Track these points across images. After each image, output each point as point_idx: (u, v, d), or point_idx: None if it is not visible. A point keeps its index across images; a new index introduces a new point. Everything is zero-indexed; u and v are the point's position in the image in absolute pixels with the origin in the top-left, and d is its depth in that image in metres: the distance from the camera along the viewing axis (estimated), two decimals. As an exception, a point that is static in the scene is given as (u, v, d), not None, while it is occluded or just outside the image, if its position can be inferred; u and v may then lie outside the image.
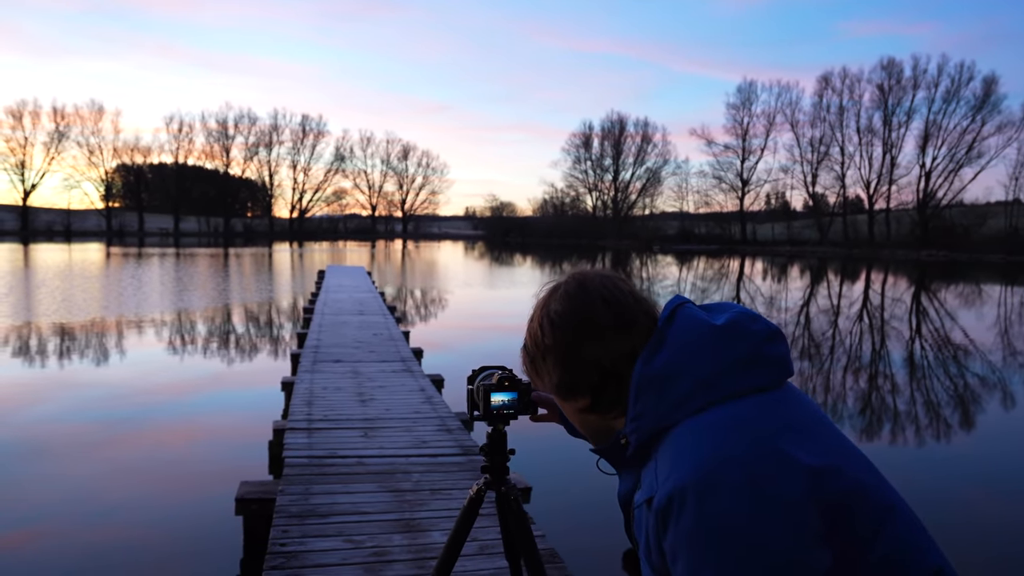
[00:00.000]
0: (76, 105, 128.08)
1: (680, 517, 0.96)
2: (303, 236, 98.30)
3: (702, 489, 0.95)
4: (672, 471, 0.99)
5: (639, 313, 1.15)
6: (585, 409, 1.18)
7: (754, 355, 1.07)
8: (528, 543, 1.96)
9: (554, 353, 1.16)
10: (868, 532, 0.99)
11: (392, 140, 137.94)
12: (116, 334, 14.63)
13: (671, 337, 1.09)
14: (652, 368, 1.07)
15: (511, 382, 1.74)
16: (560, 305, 1.16)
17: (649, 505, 1.01)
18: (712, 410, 1.03)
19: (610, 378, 1.13)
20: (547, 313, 1.18)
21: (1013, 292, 31.68)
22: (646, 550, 1.05)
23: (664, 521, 0.98)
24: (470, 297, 25.03)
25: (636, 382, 1.08)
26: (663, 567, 1.02)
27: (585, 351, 1.13)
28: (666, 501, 0.97)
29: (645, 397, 1.07)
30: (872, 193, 76.19)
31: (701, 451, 0.99)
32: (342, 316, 13.90)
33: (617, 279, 1.19)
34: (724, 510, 0.94)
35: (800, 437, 1.01)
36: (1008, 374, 12.56)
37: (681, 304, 1.13)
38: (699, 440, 1.00)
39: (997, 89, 68.80)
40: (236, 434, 7.91)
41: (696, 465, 0.97)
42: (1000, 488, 6.83)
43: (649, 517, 1.02)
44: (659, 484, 1.00)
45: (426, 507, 4.44)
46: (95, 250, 52.01)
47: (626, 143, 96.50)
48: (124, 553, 5.02)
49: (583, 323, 1.14)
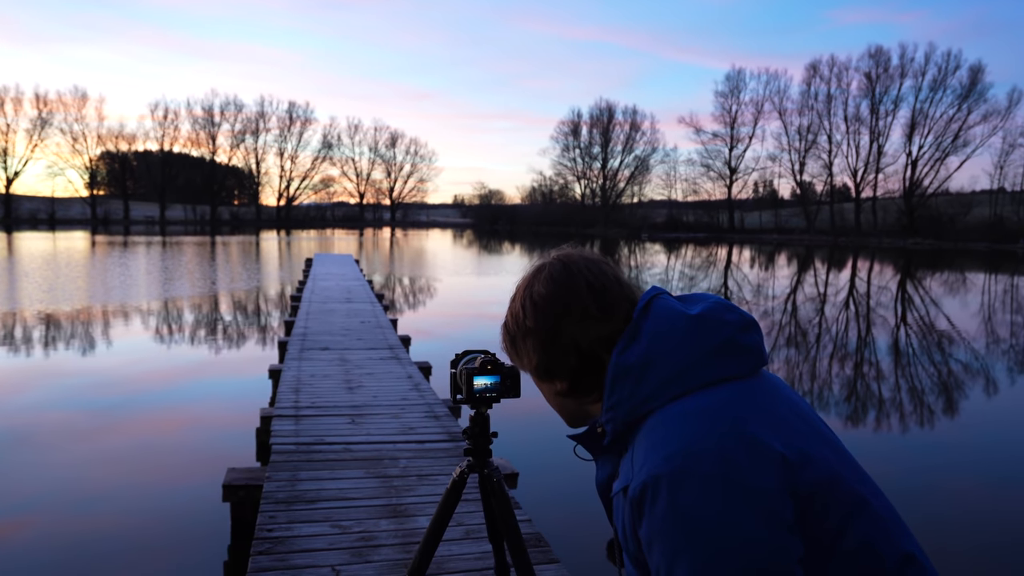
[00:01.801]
0: (59, 91, 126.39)
1: (654, 506, 0.97)
2: (290, 224, 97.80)
3: (674, 478, 0.96)
4: (646, 460, 1.00)
5: (622, 299, 1.15)
6: (563, 393, 1.18)
7: (727, 344, 1.08)
8: (511, 525, 1.98)
9: (535, 335, 1.16)
10: (839, 521, 1.00)
11: (380, 127, 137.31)
12: (102, 323, 14.54)
13: (646, 327, 1.09)
14: (627, 358, 1.08)
15: (494, 365, 1.75)
16: (544, 287, 1.16)
17: (625, 494, 1.03)
18: (686, 399, 1.04)
19: (589, 362, 1.13)
20: (530, 294, 1.18)
21: (996, 280, 31.98)
22: (623, 537, 1.07)
23: (639, 510, 0.99)
24: (458, 285, 25.02)
25: (611, 372, 1.09)
26: (639, 554, 1.04)
27: (565, 335, 1.13)
28: (640, 490, 0.99)
29: (620, 387, 1.08)
30: (859, 181, 76.54)
31: (673, 440, 0.99)
32: (329, 304, 13.87)
33: (602, 263, 1.19)
34: (696, 500, 0.95)
35: (774, 425, 1.02)
36: (991, 361, 12.70)
37: (657, 295, 1.14)
38: (672, 429, 1.01)
39: (983, 78, 69.12)
40: (223, 421, 7.90)
41: (668, 454, 0.98)
42: (986, 474, 6.92)
43: (625, 506, 1.03)
44: (634, 473, 1.01)
45: (413, 493, 4.46)
46: (80, 238, 51.56)
47: (614, 131, 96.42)
48: (111, 541, 5.02)
49: (565, 307, 1.14)
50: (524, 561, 2.00)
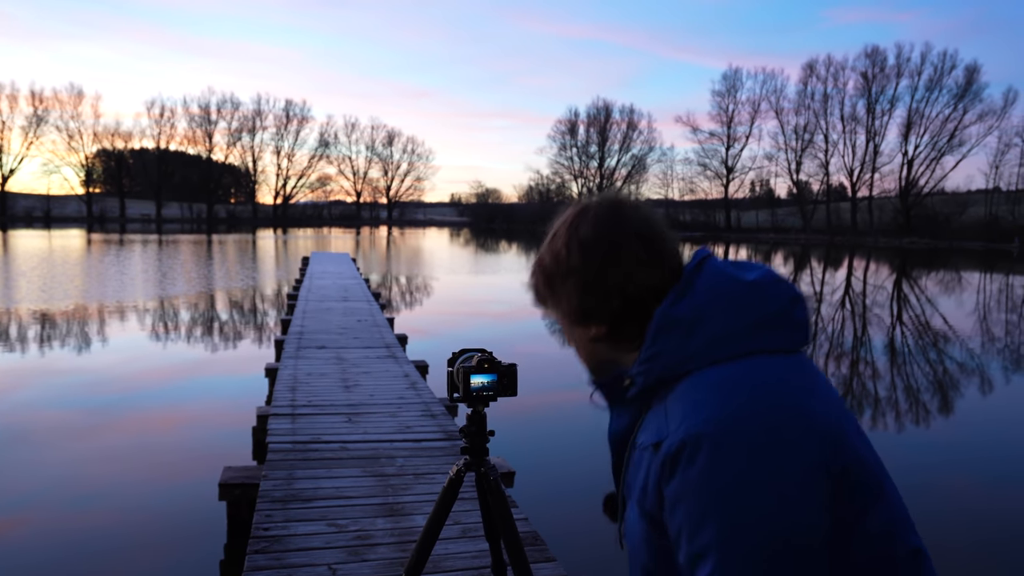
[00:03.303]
0: (55, 89, 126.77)
1: (690, 466, 0.94)
2: (287, 223, 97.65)
3: (719, 441, 0.94)
4: (686, 419, 0.97)
5: (671, 251, 1.13)
6: (598, 338, 1.15)
7: (780, 316, 1.06)
8: (508, 523, 1.98)
9: (578, 276, 1.13)
10: (863, 505, 0.99)
11: (377, 126, 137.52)
12: (98, 321, 14.51)
13: (700, 284, 1.07)
14: (678, 310, 1.05)
15: (490, 364, 1.76)
16: (591, 228, 1.13)
17: (656, 449, 1.00)
18: (735, 363, 1.01)
19: (633, 309, 1.10)
20: (576, 234, 1.14)
21: (991, 279, 32.06)
22: (642, 493, 1.04)
23: (671, 467, 0.96)
24: (454, 284, 25.01)
25: (658, 322, 1.05)
26: (657, 512, 1.01)
27: (612, 278, 1.10)
28: (678, 447, 0.95)
29: (664, 339, 1.05)
30: (855, 181, 76.68)
31: (721, 403, 0.97)
32: (326, 303, 13.86)
33: (651, 210, 1.16)
34: (738, 465, 0.93)
35: (820, 402, 1.01)
36: (987, 360, 12.74)
37: (709, 256, 1.12)
38: (719, 392, 0.98)
39: (979, 78, 69.29)
40: (220, 420, 7.89)
41: (715, 416, 0.95)
42: (982, 472, 6.95)
43: (654, 461, 1.00)
44: (671, 429, 0.98)
45: (410, 491, 4.46)
46: (76, 236, 51.43)
47: (612, 130, 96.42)
48: (107, 539, 5.02)
49: (615, 250, 1.11)
50: (521, 559, 2.00)
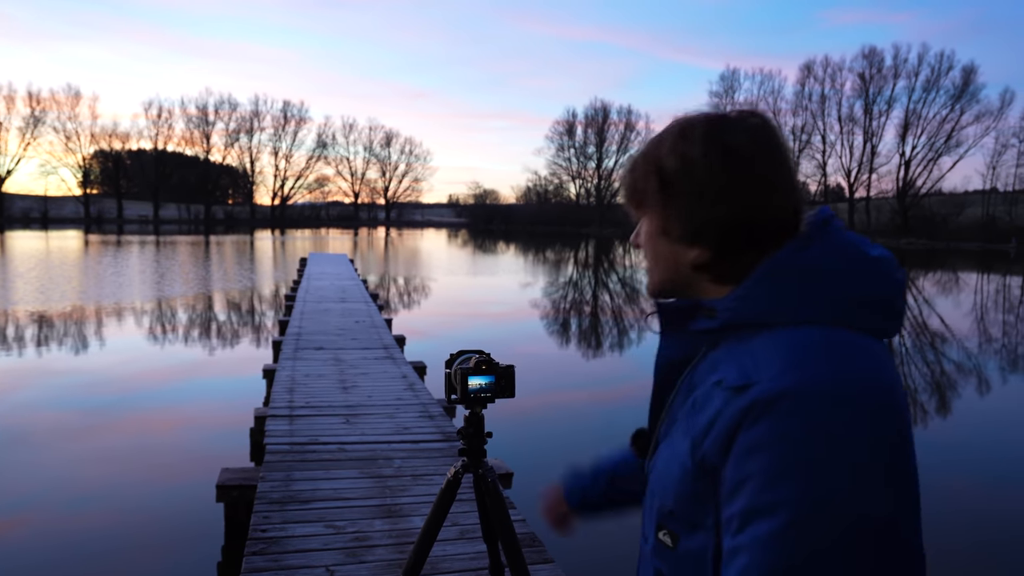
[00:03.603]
0: (52, 90, 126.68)
1: (788, 418, 0.87)
2: (285, 224, 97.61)
3: (833, 400, 0.88)
4: (791, 371, 0.90)
5: (800, 191, 1.05)
6: (699, 263, 1.04)
7: (887, 301, 1.01)
8: (505, 525, 1.98)
9: (710, 188, 1.00)
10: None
11: (375, 127, 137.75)
12: (95, 322, 14.49)
13: (828, 239, 1.00)
14: (801, 259, 0.98)
15: (488, 366, 1.75)
16: (747, 139, 1.01)
17: (739, 391, 0.92)
18: (844, 331, 0.96)
19: (751, 240, 1.01)
20: (721, 140, 1.01)
21: (989, 280, 32.11)
22: (702, 432, 0.96)
23: (759, 414, 0.89)
24: (453, 285, 25.01)
25: (777, 265, 0.98)
26: (715, 454, 0.93)
27: (750, 200, 1.00)
28: (774, 396, 0.89)
29: (776, 283, 0.98)
30: (853, 181, 76.85)
31: (843, 365, 0.91)
32: (324, 304, 13.85)
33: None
34: (844, 430, 0.87)
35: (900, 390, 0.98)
36: (985, 360, 12.75)
37: (834, 216, 1.04)
38: (839, 352, 0.93)
39: (976, 79, 69.46)
40: (217, 421, 7.88)
41: (834, 376, 0.90)
42: (981, 473, 6.95)
43: (732, 402, 0.92)
44: (765, 377, 0.91)
45: (407, 493, 4.46)
46: (73, 237, 51.37)
47: (609, 131, 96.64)
48: (105, 540, 5.01)
49: (764, 170, 1.00)
50: (519, 561, 2.00)
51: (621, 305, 20.62)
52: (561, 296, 22.46)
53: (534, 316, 17.29)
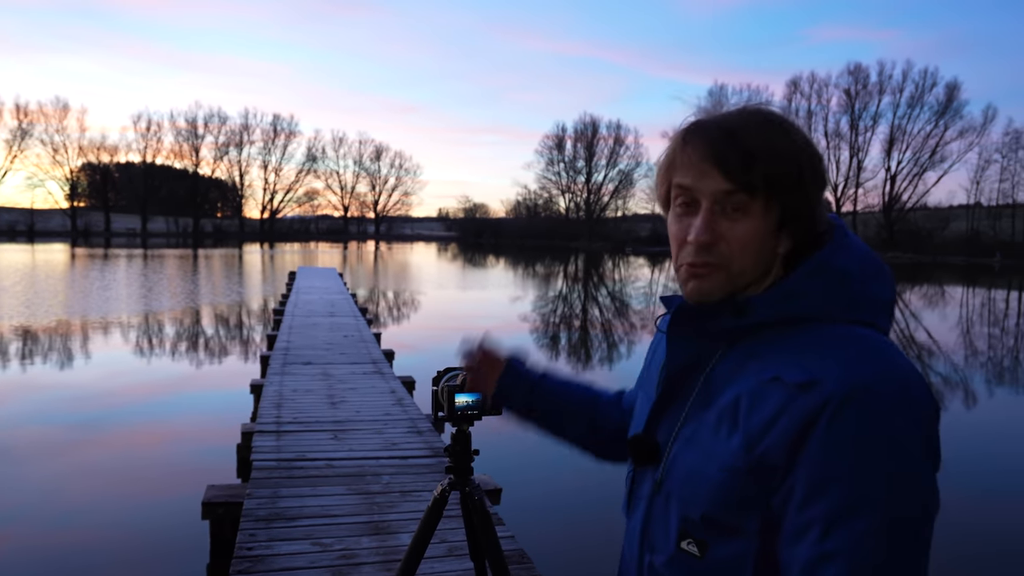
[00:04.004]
0: (40, 102, 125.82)
1: (868, 417, 0.88)
2: (274, 237, 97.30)
3: (904, 399, 0.90)
4: (862, 366, 0.91)
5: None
6: (786, 254, 1.05)
7: (891, 305, 1.05)
8: (492, 543, 1.97)
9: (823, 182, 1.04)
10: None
11: (364, 141, 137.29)
12: (81, 336, 14.37)
13: (851, 245, 1.04)
14: (839, 260, 1.01)
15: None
16: (805, 136, 1.03)
17: (804, 388, 0.91)
18: (876, 332, 0.98)
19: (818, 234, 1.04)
20: (801, 134, 1.02)
21: (974, 293, 32.38)
22: (760, 429, 0.93)
23: (834, 411, 0.88)
24: (442, 299, 24.98)
25: (818, 264, 1.00)
26: (776, 451, 0.91)
27: (819, 195, 1.04)
28: (850, 392, 0.88)
29: (816, 282, 0.99)
30: (839, 196, 77.38)
31: (901, 364, 0.93)
32: (313, 318, 13.79)
33: None
34: (913, 428, 0.89)
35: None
36: (971, 373, 12.83)
37: (845, 224, 1.10)
38: (892, 352, 0.94)
39: (959, 95, 70.43)
40: (204, 437, 7.81)
41: (897, 375, 0.91)
42: (967, 487, 6.97)
43: (799, 398, 0.91)
44: (833, 374, 0.90)
45: (395, 509, 4.43)
46: (59, 251, 51.01)
47: (599, 145, 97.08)
48: (89, 557, 4.94)
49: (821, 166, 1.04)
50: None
51: (611, 319, 20.64)
52: (551, 310, 22.48)
53: (523, 330, 17.28)
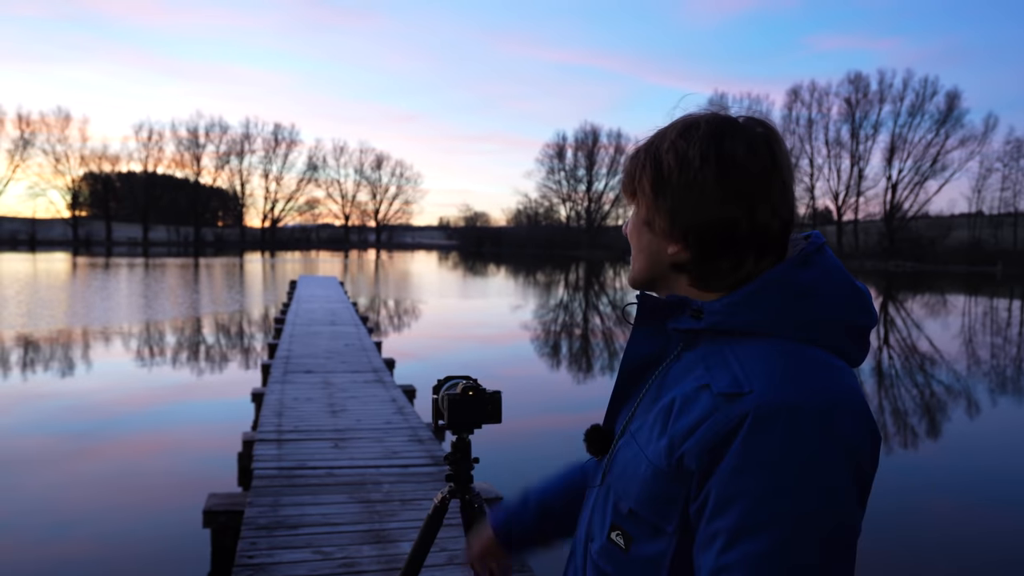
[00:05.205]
0: (42, 112, 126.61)
1: (787, 435, 0.88)
2: (275, 246, 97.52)
3: (830, 420, 0.89)
4: (790, 384, 0.91)
5: (791, 206, 1.04)
6: (676, 262, 1.05)
7: (863, 332, 1.03)
8: (493, 551, 1.98)
9: (699, 194, 1.00)
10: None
11: (365, 149, 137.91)
12: (82, 345, 14.39)
13: (825, 264, 1.02)
14: (799, 277, 0.99)
15: (475, 392, 1.76)
16: (745, 151, 0.99)
17: (730, 399, 0.92)
18: (830, 353, 0.97)
19: (730, 250, 1.00)
20: (720, 148, 0.99)
21: (976, 302, 32.36)
22: (684, 433, 0.94)
23: (754, 427, 0.88)
24: (443, 307, 24.99)
25: (776, 278, 0.99)
26: (698, 460, 0.92)
27: (733, 212, 0.99)
28: (773, 409, 0.89)
29: (771, 297, 0.98)
30: (841, 205, 77.58)
31: (836, 384, 0.93)
32: (314, 327, 13.81)
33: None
34: (835, 451, 0.89)
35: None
36: (971, 383, 12.82)
37: (825, 243, 1.06)
38: (830, 372, 0.94)
39: (959, 104, 70.61)
40: (205, 446, 7.82)
41: (828, 395, 0.91)
42: (964, 496, 6.97)
43: (724, 408, 0.91)
44: (759, 386, 0.91)
45: (396, 518, 4.43)
46: (61, 260, 51.09)
47: (599, 154, 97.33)
48: (90, 566, 4.95)
49: (753, 188, 0.99)
50: (506, 587, 1.99)
51: (611, 328, 20.65)
52: (551, 319, 22.48)
53: (524, 338, 17.29)
